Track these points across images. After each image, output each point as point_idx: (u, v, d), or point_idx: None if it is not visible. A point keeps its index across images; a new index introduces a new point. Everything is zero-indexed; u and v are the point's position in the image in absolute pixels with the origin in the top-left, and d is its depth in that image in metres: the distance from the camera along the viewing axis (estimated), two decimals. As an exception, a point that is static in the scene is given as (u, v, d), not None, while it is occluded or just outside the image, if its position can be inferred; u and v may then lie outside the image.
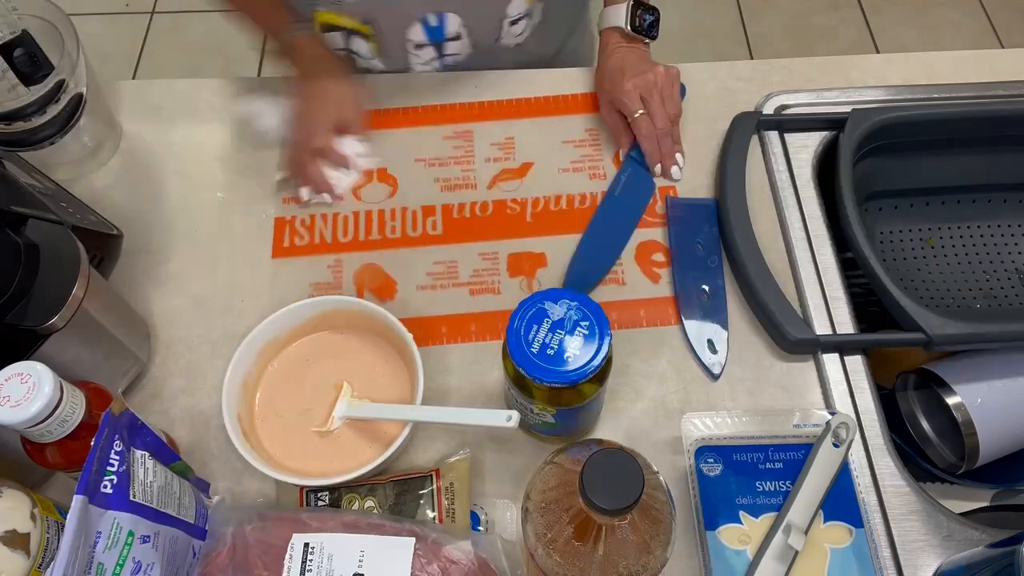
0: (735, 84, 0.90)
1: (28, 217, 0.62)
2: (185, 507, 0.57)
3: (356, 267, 0.79)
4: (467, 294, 0.77)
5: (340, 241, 0.80)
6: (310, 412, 0.67)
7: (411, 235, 0.81)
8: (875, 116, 0.82)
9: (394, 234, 0.81)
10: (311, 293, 0.77)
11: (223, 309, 0.76)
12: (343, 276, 0.78)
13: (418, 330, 0.67)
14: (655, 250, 0.79)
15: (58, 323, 0.59)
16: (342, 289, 0.77)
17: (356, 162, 0.83)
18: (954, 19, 2.16)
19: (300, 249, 0.80)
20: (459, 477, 0.63)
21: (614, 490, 0.45)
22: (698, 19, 2.16)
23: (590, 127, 0.87)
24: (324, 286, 0.77)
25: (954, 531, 0.64)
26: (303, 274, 0.79)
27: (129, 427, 0.53)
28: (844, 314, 0.74)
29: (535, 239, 0.80)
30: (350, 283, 0.78)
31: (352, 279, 0.78)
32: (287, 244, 0.81)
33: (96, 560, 0.47)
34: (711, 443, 0.66)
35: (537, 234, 0.80)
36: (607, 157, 0.85)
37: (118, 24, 2.18)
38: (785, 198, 0.81)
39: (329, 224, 0.81)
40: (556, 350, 0.56)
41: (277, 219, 0.82)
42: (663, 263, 0.78)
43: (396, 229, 0.81)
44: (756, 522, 0.63)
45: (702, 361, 0.72)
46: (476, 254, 0.79)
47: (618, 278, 0.77)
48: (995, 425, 0.72)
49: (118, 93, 0.91)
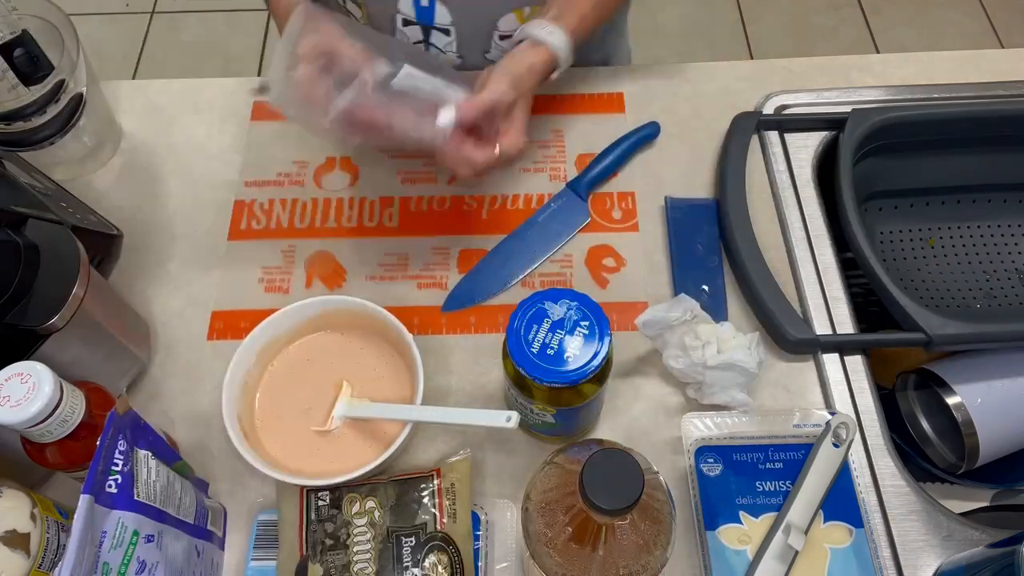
0: (735, 84, 0.90)
1: (28, 217, 0.62)
2: (186, 507, 0.57)
3: (309, 253, 0.80)
4: (414, 288, 0.77)
5: (296, 227, 0.81)
6: (310, 412, 0.67)
7: (367, 225, 0.81)
8: (875, 116, 0.82)
9: (350, 223, 0.81)
10: (261, 277, 0.78)
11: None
12: (295, 261, 0.79)
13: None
14: (606, 255, 0.79)
15: (58, 323, 0.59)
16: (292, 274, 0.78)
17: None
18: (954, 19, 2.16)
19: (256, 232, 0.81)
20: (460, 477, 0.63)
21: (614, 490, 0.45)
22: (698, 19, 2.16)
23: (556, 127, 0.87)
24: (275, 270, 0.78)
25: (954, 531, 0.64)
26: (256, 257, 0.79)
27: (132, 427, 0.53)
28: (844, 314, 0.74)
29: (488, 237, 0.80)
30: (301, 268, 0.79)
31: (304, 265, 0.79)
32: (244, 227, 0.81)
33: (102, 559, 0.47)
34: (711, 443, 0.66)
35: (491, 232, 0.80)
36: (571, 160, 0.85)
37: (118, 24, 2.18)
38: (785, 198, 0.81)
39: (287, 210, 0.82)
40: (556, 350, 0.56)
41: (236, 202, 0.83)
42: (613, 268, 0.78)
43: (353, 218, 0.82)
44: (756, 522, 0.63)
45: (702, 361, 0.71)
46: (429, 248, 0.79)
47: (565, 280, 0.77)
48: (995, 425, 0.72)
49: (118, 93, 0.91)
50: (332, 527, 0.61)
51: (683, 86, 0.90)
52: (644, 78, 0.91)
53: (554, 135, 0.87)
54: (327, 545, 0.60)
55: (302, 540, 0.61)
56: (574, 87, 0.89)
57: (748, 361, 0.64)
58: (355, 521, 0.61)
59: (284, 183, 0.84)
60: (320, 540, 0.60)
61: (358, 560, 0.59)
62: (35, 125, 0.73)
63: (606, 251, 0.79)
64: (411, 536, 0.60)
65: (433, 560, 0.59)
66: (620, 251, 0.79)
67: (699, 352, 0.65)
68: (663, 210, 0.81)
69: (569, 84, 0.89)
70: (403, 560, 0.59)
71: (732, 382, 0.66)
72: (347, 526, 0.61)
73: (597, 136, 0.86)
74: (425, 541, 0.60)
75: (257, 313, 0.71)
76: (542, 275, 0.78)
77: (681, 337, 0.66)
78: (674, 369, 0.67)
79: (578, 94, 0.89)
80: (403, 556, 0.59)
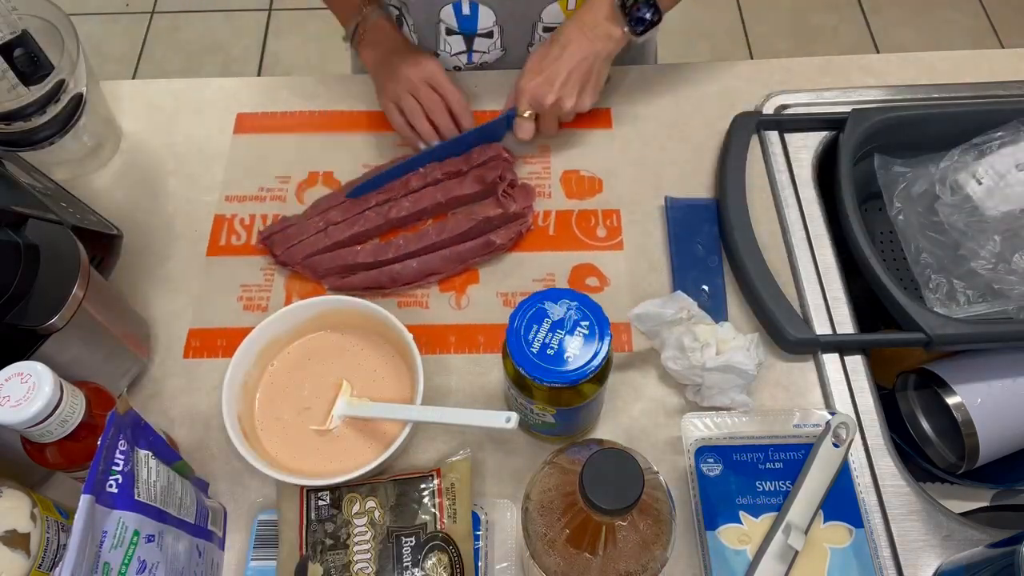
0: (735, 84, 0.90)
1: (28, 217, 0.62)
2: (186, 507, 0.57)
3: (288, 273, 0.78)
4: (394, 306, 0.76)
5: None
6: (310, 411, 0.67)
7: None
8: (875, 116, 0.82)
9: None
10: (239, 295, 0.77)
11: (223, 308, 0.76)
12: (274, 278, 0.78)
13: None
14: (590, 274, 0.78)
15: (58, 323, 0.59)
16: (271, 291, 0.77)
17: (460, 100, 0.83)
18: (954, 19, 2.16)
19: (235, 249, 0.80)
20: (460, 477, 0.63)
21: (614, 490, 0.45)
22: (698, 19, 2.16)
23: (543, 143, 0.86)
24: (254, 288, 0.77)
25: (954, 531, 0.64)
26: (235, 274, 0.78)
27: (133, 427, 0.53)
28: (844, 314, 0.74)
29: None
30: (281, 286, 0.77)
31: (283, 282, 0.78)
32: (223, 243, 0.80)
33: (102, 559, 0.47)
34: (711, 443, 0.66)
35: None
36: (555, 176, 0.84)
37: (118, 24, 2.18)
38: (785, 198, 0.81)
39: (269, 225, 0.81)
40: (556, 350, 0.56)
41: (216, 216, 0.82)
42: (596, 288, 0.77)
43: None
44: (756, 522, 0.63)
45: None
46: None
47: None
48: (995, 425, 0.72)
49: (118, 93, 0.91)
50: (332, 527, 0.61)
51: (683, 86, 0.90)
52: (644, 78, 0.91)
53: (541, 151, 0.86)
54: (327, 545, 0.60)
55: (302, 540, 0.61)
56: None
57: (747, 363, 0.64)
58: (355, 521, 0.61)
59: (266, 198, 0.83)
60: (320, 540, 0.60)
61: (358, 560, 0.59)
62: (35, 125, 0.73)
63: (589, 270, 0.78)
64: (411, 536, 0.60)
65: (433, 560, 0.59)
66: (603, 270, 0.78)
67: (698, 354, 0.65)
68: (663, 210, 0.81)
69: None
70: (403, 560, 0.59)
71: (731, 384, 0.66)
72: (347, 526, 0.61)
73: (583, 152, 0.85)
74: (425, 541, 0.60)
75: (235, 331, 0.71)
76: (523, 293, 0.76)
77: (679, 338, 0.66)
78: (672, 371, 0.67)
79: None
80: (403, 556, 0.59)
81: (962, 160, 0.81)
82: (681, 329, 0.66)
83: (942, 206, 0.79)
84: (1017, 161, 0.79)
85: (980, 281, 0.75)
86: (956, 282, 0.76)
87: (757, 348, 0.66)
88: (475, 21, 0.85)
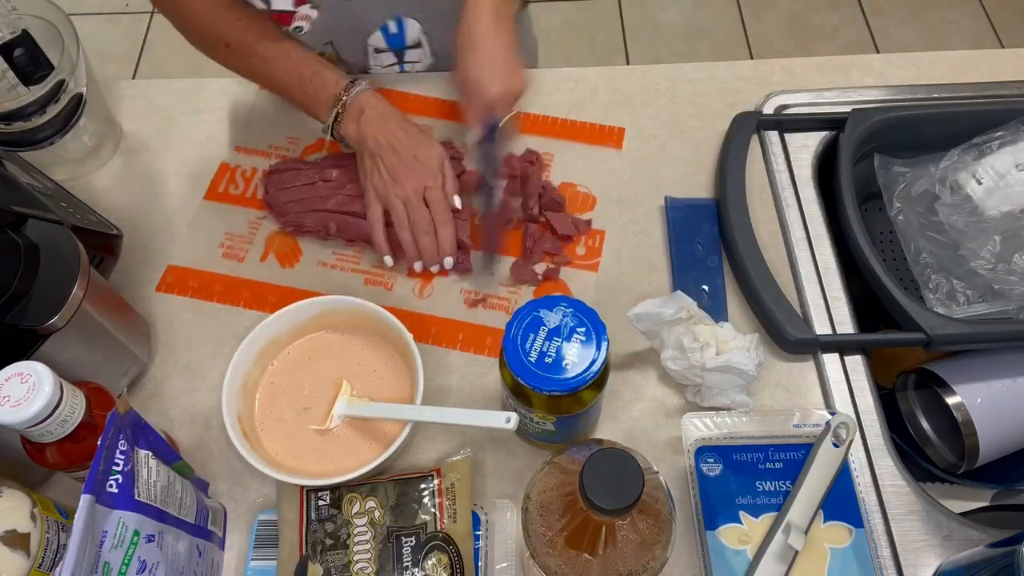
0: (735, 84, 0.90)
1: (28, 217, 0.62)
2: (186, 507, 0.57)
3: (273, 229, 0.81)
4: (361, 283, 0.78)
5: None
6: (310, 411, 0.67)
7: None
8: (875, 116, 0.82)
9: None
10: (222, 241, 0.80)
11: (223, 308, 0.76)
12: (258, 233, 0.81)
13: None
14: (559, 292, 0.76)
15: (58, 323, 0.59)
16: (252, 244, 0.80)
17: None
18: (954, 19, 2.16)
19: (232, 197, 0.83)
20: (460, 477, 0.63)
21: (614, 490, 0.45)
22: (698, 19, 2.16)
23: (547, 150, 0.85)
24: (238, 237, 0.80)
25: (954, 531, 0.64)
26: (224, 221, 0.81)
27: (133, 427, 0.53)
28: (844, 314, 0.74)
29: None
30: (262, 242, 0.80)
31: (264, 239, 0.80)
32: (221, 189, 0.84)
33: (102, 559, 0.47)
34: (711, 443, 0.66)
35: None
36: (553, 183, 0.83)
37: (118, 24, 2.18)
38: (785, 198, 0.81)
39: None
40: (554, 358, 0.56)
41: (222, 163, 0.85)
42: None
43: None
44: (756, 522, 0.63)
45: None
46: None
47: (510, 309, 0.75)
48: (995, 425, 0.72)
49: (118, 93, 0.91)
50: (332, 527, 0.61)
51: (683, 86, 0.90)
52: (644, 78, 0.91)
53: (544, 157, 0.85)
54: (327, 545, 0.60)
55: (302, 540, 0.61)
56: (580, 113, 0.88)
57: (747, 363, 0.64)
58: (355, 521, 0.61)
59: (271, 155, 0.86)
60: (320, 540, 0.60)
61: (358, 560, 0.59)
62: (35, 125, 0.73)
63: (559, 288, 0.77)
64: (411, 536, 0.60)
65: (433, 560, 0.59)
66: (574, 290, 0.76)
67: (697, 354, 0.65)
68: (663, 210, 0.81)
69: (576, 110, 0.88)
70: (403, 560, 0.59)
71: (731, 384, 0.66)
72: (347, 526, 0.61)
73: (585, 167, 0.84)
74: (425, 541, 0.60)
75: (209, 275, 0.75)
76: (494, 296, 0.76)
77: (679, 338, 0.66)
78: (672, 371, 0.67)
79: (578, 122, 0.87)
80: (403, 556, 0.59)
81: (962, 160, 0.81)
82: (681, 329, 0.66)
83: (942, 206, 0.79)
84: (1017, 161, 0.79)
85: (980, 281, 0.75)
86: (956, 282, 0.76)
87: (757, 348, 0.66)
88: (403, 37, 0.86)
